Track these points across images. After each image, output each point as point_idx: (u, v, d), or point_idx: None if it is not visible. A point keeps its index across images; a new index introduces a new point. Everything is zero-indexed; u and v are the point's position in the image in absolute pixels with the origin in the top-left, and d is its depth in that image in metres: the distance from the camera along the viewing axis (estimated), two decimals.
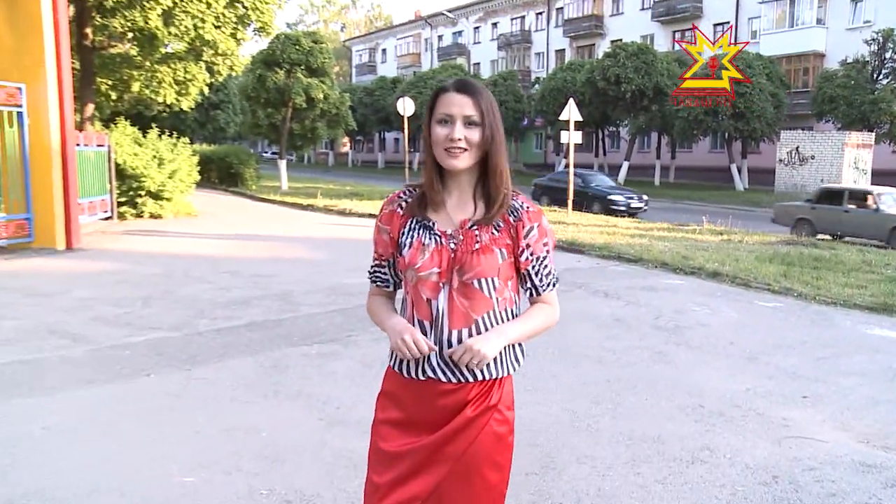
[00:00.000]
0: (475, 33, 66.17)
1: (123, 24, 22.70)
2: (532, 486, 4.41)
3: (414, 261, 2.39)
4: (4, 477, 4.52)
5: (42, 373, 6.60)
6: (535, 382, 6.41)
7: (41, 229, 13.86)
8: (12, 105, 13.31)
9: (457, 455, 2.41)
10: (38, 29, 13.51)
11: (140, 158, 19.44)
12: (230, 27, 24.08)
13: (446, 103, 2.38)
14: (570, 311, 9.12)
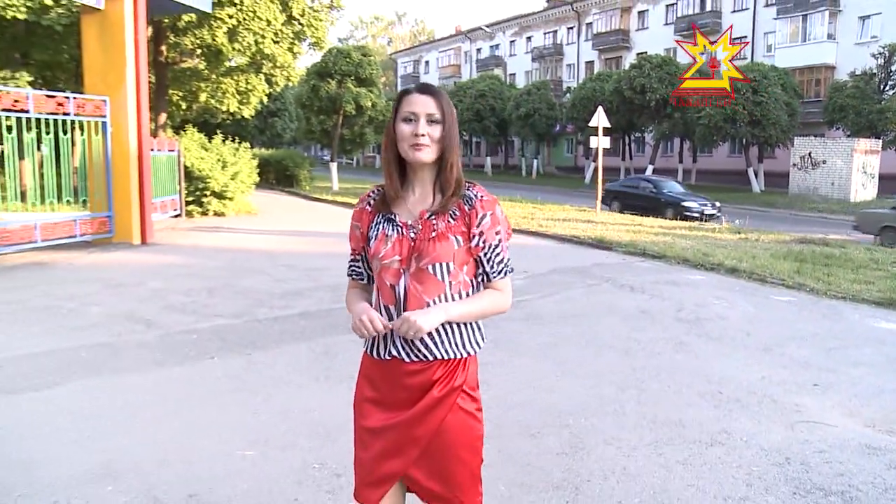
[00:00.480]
0: (511, 46, 65.90)
1: (193, 41, 23.02)
2: (562, 464, 4.41)
3: (378, 250, 2.42)
4: (88, 446, 4.62)
5: (120, 354, 6.72)
6: (565, 369, 6.41)
7: (120, 226, 14.08)
8: (98, 116, 13.55)
9: (428, 435, 2.44)
10: (122, 48, 13.77)
11: (206, 162, 19.64)
12: (287, 42, 24.28)
13: (411, 103, 2.41)
14: (598, 304, 9.10)
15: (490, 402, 5.47)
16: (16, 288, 9.73)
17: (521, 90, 51.47)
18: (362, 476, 2.51)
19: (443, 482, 2.48)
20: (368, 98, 29.64)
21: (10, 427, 4.96)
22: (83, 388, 5.75)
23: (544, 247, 14.50)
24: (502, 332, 7.64)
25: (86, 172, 13.86)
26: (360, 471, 2.53)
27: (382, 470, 2.47)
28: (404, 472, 2.47)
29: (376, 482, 2.48)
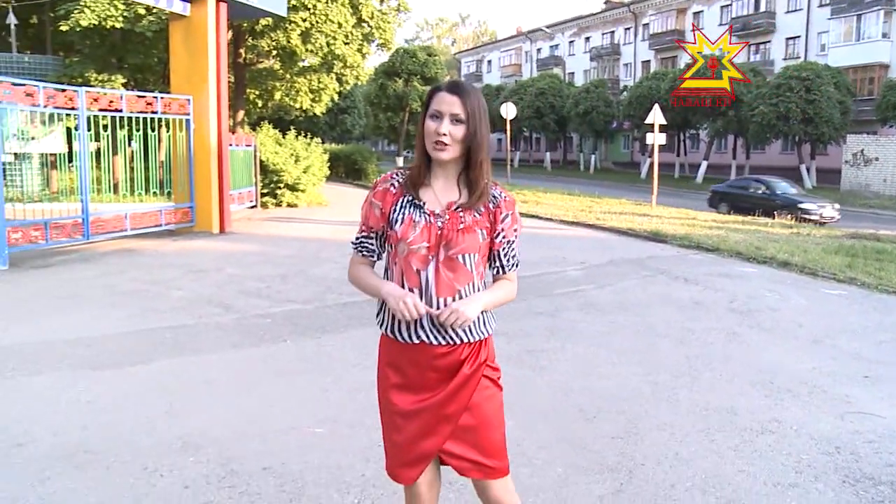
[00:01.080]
0: (570, 46, 65.29)
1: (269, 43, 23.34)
2: (617, 448, 4.38)
3: (406, 235, 2.40)
4: (173, 419, 4.74)
5: (200, 336, 6.86)
6: (620, 357, 6.35)
7: (200, 216, 14.37)
8: (182, 114, 13.85)
9: (460, 411, 2.47)
10: (204, 51, 14.03)
11: (280, 156, 19.89)
12: (357, 43, 24.46)
13: (438, 101, 2.39)
14: (653, 295, 8.98)
15: (547, 388, 5.48)
16: (108, 273, 10.00)
17: (579, 88, 51.07)
18: (397, 457, 2.52)
19: (480, 451, 2.52)
20: None
21: (104, 400, 5.11)
22: (167, 366, 5.90)
23: (601, 239, 14.36)
24: (560, 320, 7.60)
25: (170, 166, 14.17)
26: (394, 452, 2.53)
27: (419, 450, 2.48)
28: (440, 449, 2.49)
29: (413, 462, 2.50)
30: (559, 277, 10.03)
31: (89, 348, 6.36)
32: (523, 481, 3.91)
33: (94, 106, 12.05)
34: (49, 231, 11.20)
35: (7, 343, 6.50)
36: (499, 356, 6.35)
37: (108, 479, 3.89)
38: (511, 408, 5.03)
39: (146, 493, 3.73)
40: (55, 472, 3.96)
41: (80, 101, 11.69)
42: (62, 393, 5.24)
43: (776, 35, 45.32)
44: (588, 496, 3.78)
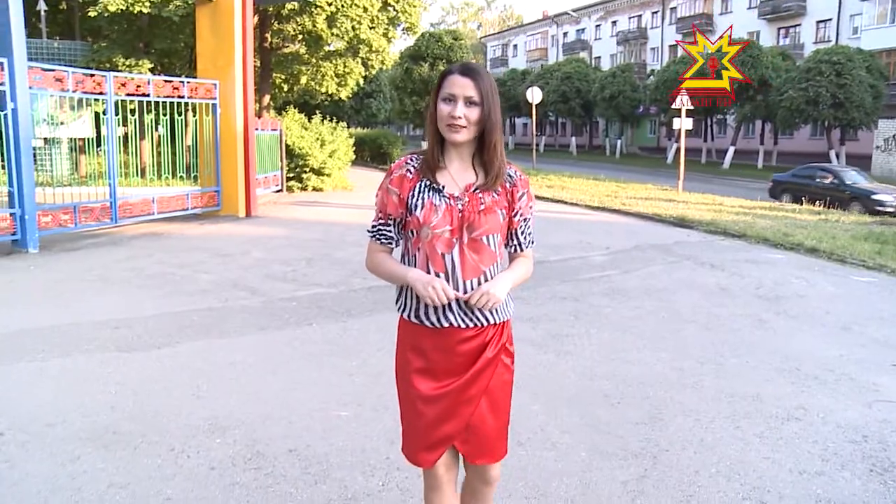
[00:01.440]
0: (596, 30, 64.79)
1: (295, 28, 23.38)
2: (641, 434, 4.36)
3: (429, 220, 2.38)
4: (200, 400, 4.78)
5: (227, 318, 6.91)
6: (645, 342, 6.32)
7: (227, 200, 14.45)
8: (209, 98, 13.91)
9: (480, 394, 2.48)
10: (231, 36, 14.10)
11: (305, 140, 19.94)
12: (382, 28, 24.42)
13: (451, 84, 2.37)
14: (679, 280, 8.92)
15: (572, 373, 5.47)
16: (135, 256, 10.10)
17: (605, 73, 50.69)
18: (417, 442, 2.51)
19: (494, 434, 2.55)
20: None
21: (132, 381, 5.17)
22: (195, 349, 5.95)
23: (626, 224, 14.28)
24: (586, 305, 7.58)
25: (197, 150, 14.28)
26: (414, 437, 2.53)
27: (440, 433, 2.48)
28: (461, 432, 2.49)
29: (433, 445, 2.49)
30: (584, 262, 9.99)
31: (117, 331, 6.43)
32: (547, 466, 3.91)
33: (122, 91, 12.13)
34: (78, 215, 11.32)
35: (37, 325, 6.59)
36: (524, 340, 6.38)
37: (135, 460, 3.94)
38: (536, 392, 5.04)
39: (173, 474, 3.78)
40: (84, 452, 4.02)
41: (108, 85, 11.77)
42: (91, 374, 5.31)
43: (806, 18, 44.63)
44: (612, 481, 3.77)
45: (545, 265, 9.62)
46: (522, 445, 4.16)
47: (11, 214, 10.28)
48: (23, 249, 10.27)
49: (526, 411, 4.68)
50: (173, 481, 3.71)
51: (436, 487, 2.58)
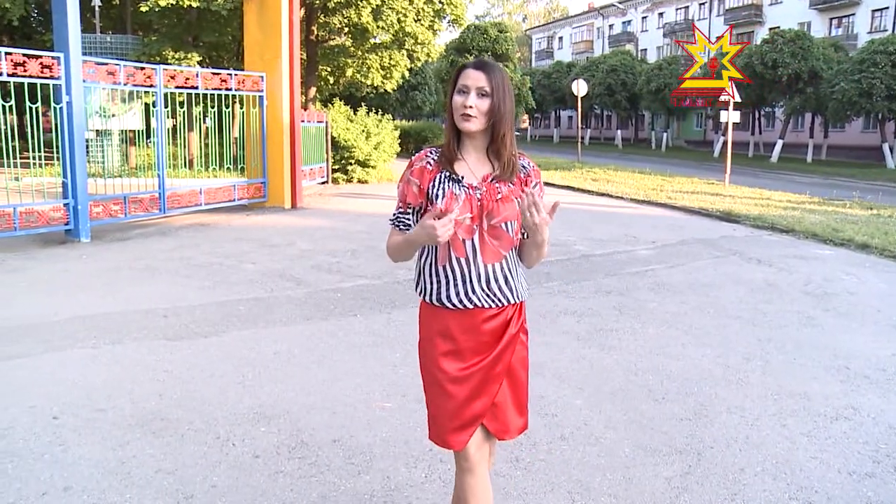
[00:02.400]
0: (643, 22, 64.04)
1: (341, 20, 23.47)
2: (686, 430, 4.31)
3: (450, 208, 2.44)
4: (245, 390, 4.84)
5: (273, 308, 6.98)
6: (690, 338, 6.24)
7: (273, 191, 14.59)
8: (256, 90, 14.03)
9: (505, 370, 2.59)
10: (277, 28, 14.20)
11: (351, 132, 20.03)
12: (428, 20, 24.39)
13: (465, 77, 2.49)
14: (725, 275, 8.80)
15: (616, 367, 5.43)
16: (183, 246, 10.25)
17: (652, 65, 49.99)
18: (447, 423, 2.57)
19: (518, 408, 2.67)
20: None
21: (179, 369, 5.25)
22: (241, 338, 6.02)
23: (672, 218, 14.12)
24: (630, 299, 7.51)
25: (244, 142, 14.42)
26: (442, 420, 2.59)
27: (470, 412, 2.55)
28: (488, 410, 2.58)
29: (464, 425, 2.56)
30: (630, 256, 9.90)
31: (166, 319, 6.53)
32: (590, 461, 3.89)
33: (171, 83, 12.30)
34: (128, 205, 11.52)
35: (89, 313, 6.72)
36: (568, 334, 6.35)
37: (182, 447, 4.00)
38: (580, 386, 5.02)
39: (219, 461, 3.83)
40: (134, 437, 4.10)
41: (158, 78, 11.95)
42: (140, 362, 5.41)
43: (861, 7, 43.55)
44: (656, 478, 3.73)
45: (590, 259, 9.56)
46: (566, 440, 4.14)
47: (65, 205, 10.50)
48: (75, 239, 10.49)
49: (569, 406, 4.66)
50: (219, 468, 3.76)
51: (468, 469, 2.61)
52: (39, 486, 3.56)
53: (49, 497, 3.47)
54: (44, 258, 9.36)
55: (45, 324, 6.38)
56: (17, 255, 9.49)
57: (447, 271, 2.53)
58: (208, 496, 3.49)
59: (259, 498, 3.49)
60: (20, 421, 4.32)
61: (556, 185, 20.28)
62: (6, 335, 6.02)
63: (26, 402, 4.61)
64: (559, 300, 7.45)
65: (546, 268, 8.96)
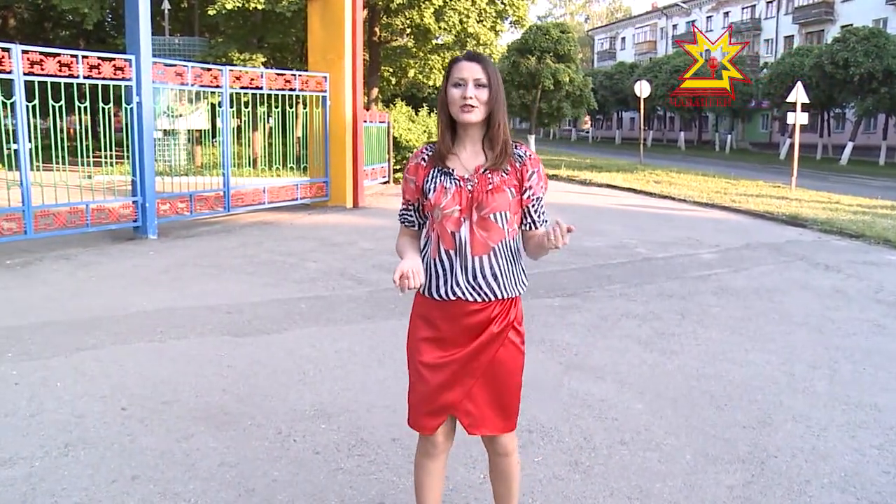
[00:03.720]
0: (707, 22, 62.87)
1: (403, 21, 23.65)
2: (748, 438, 4.22)
3: (439, 201, 2.54)
4: (306, 387, 4.90)
5: (334, 307, 7.05)
6: (754, 344, 6.12)
7: (335, 190, 14.74)
8: (319, 91, 14.20)
9: (483, 367, 2.60)
10: (341, 29, 14.35)
11: (412, 132, 20.11)
12: (490, 21, 24.42)
13: (460, 69, 2.51)
14: (791, 281, 8.60)
15: (677, 373, 5.35)
16: (247, 244, 10.42)
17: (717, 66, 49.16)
18: (420, 407, 2.67)
19: (498, 408, 2.67)
20: (566, 73, 29.20)
21: (242, 365, 5.34)
22: (303, 335, 6.10)
23: (736, 222, 13.86)
24: (693, 304, 7.40)
25: (306, 142, 14.59)
26: (417, 402, 2.69)
27: (442, 400, 2.62)
28: (461, 401, 2.63)
29: (435, 411, 2.65)
30: (692, 260, 9.75)
31: (229, 315, 6.65)
32: (651, 466, 3.84)
33: (237, 84, 12.51)
34: (193, 203, 11.76)
35: (156, 308, 6.88)
36: (629, 338, 6.29)
37: (244, 441, 4.07)
38: (640, 391, 4.96)
39: (279, 457, 3.88)
40: (198, 431, 4.18)
41: (224, 79, 12.17)
42: (205, 357, 5.52)
43: None
44: (717, 486, 3.67)
45: (651, 262, 9.44)
46: (626, 444, 4.10)
47: (134, 202, 10.78)
48: (143, 236, 10.75)
49: (630, 410, 4.61)
50: (279, 463, 3.81)
51: (431, 455, 2.76)
52: (109, 474, 3.66)
53: (118, 485, 3.56)
54: (114, 254, 9.62)
55: (114, 317, 6.56)
56: (89, 250, 9.77)
57: (437, 265, 2.59)
58: (269, 490, 3.54)
59: (318, 494, 3.52)
60: (92, 410, 4.45)
61: (618, 186, 20.08)
62: (79, 327, 6.20)
63: (97, 392, 4.76)
64: (620, 303, 7.38)
65: (607, 270, 8.89)
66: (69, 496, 3.45)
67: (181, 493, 3.49)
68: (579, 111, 33.54)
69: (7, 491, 3.50)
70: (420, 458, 2.80)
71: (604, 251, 10.22)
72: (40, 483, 3.57)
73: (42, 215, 9.62)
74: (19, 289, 7.70)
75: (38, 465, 3.76)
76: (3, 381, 4.96)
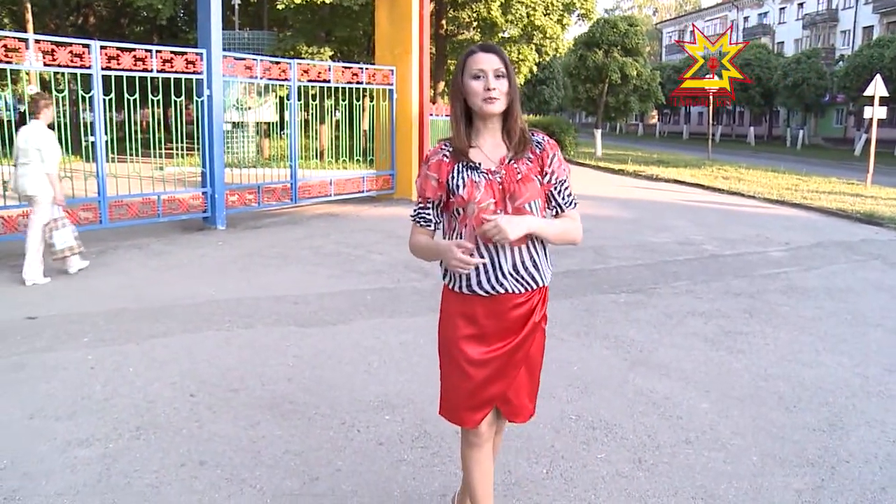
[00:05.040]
0: (780, 13, 61.33)
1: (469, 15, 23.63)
2: (819, 442, 4.11)
3: (472, 196, 2.51)
4: (371, 378, 4.95)
5: (399, 298, 7.10)
6: (826, 345, 5.96)
7: (401, 183, 14.80)
8: (386, 84, 14.27)
9: (525, 357, 2.66)
10: (408, 23, 14.38)
11: None
12: (557, 14, 24.21)
13: (477, 61, 2.50)
14: (865, 280, 8.36)
15: (745, 372, 5.25)
16: (314, 236, 10.56)
17: (789, 59, 47.94)
18: (462, 402, 2.66)
19: (530, 394, 2.76)
20: (634, 67, 28.84)
21: (308, 355, 5.42)
22: (368, 327, 6.15)
23: (807, 219, 13.51)
24: (761, 302, 7.24)
25: (373, 135, 14.69)
26: (458, 398, 2.67)
27: (487, 394, 2.64)
28: (506, 393, 2.67)
29: (479, 405, 2.66)
30: (761, 258, 9.54)
31: (296, 306, 6.75)
32: (716, 467, 3.78)
33: (304, 77, 12.66)
34: (261, 195, 11.96)
35: (224, 297, 7.03)
36: (695, 335, 6.21)
37: (309, 430, 4.13)
38: (706, 389, 4.89)
39: (343, 447, 3.93)
40: (264, 419, 4.26)
41: (292, 72, 12.32)
42: (271, 346, 5.62)
43: None
44: (785, 489, 3.59)
45: (719, 259, 9.27)
46: (690, 444, 4.04)
47: (203, 193, 11.01)
48: (212, 226, 10.98)
49: (695, 409, 4.54)
50: (343, 453, 3.86)
51: (478, 445, 2.75)
52: (178, 458, 3.76)
53: (186, 469, 3.66)
54: (183, 243, 9.85)
55: (184, 305, 6.72)
56: (160, 240, 10.03)
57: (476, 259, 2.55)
58: (333, 479, 3.59)
59: (381, 485, 3.56)
60: (162, 396, 4.58)
61: (685, 182, 19.75)
62: (150, 315, 6.38)
63: (167, 378, 4.88)
64: (686, 300, 7.27)
65: (673, 267, 8.76)
66: (141, 477, 3.56)
67: (247, 479, 3.57)
68: (646, 105, 33.11)
69: (85, 469, 3.63)
70: (466, 450, 2.79)
71: (670, 247, 10.08)
72: (114, 464, 3.69)
73: (116, 205, 9.92)
74: (95, 277, 7.95)
75: (112, 446, 3.88)
76: (80, 364, 5.13)
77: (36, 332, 5.86)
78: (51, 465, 3.67)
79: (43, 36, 9.42)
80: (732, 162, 27.29)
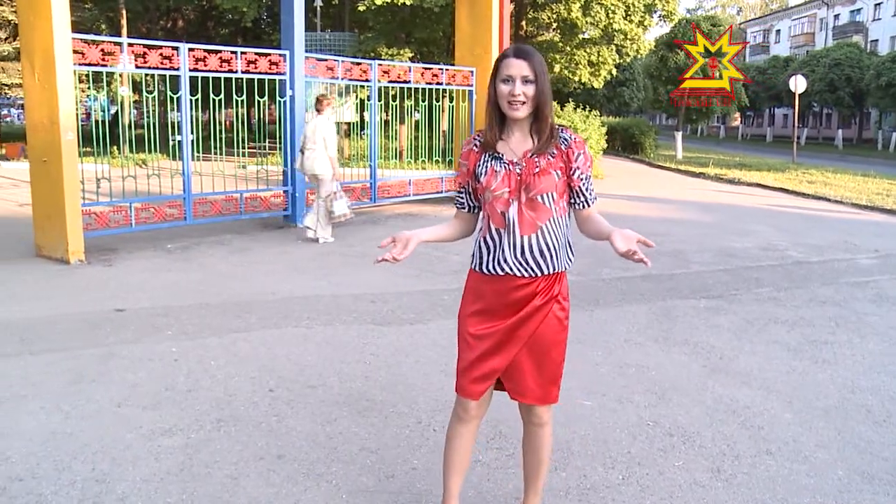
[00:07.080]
0: (875, 10, 58.93)
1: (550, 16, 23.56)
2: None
3: (489, 184, 2.72)
4: (446, 378, 4.93)
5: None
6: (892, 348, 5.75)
7: None
8: (465, 85, 14.30)
9: (527, 336, 2.77)
10: (488, 23, 14.37)
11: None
12: (638, 15, 23.90)
13: (508, 66, 2.64)
14: None
15: (830, 383, 5.10)
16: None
17: (883, 58, 46.08)
18: (467, 374, 2.83)
19: (539, 379, 2.84)
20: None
21: (385, 353, 5.48)
22: (445, 327, 6.16)
23: None
24: (847, 311, 7.01)
25: (452, 135, 14.75)
26: (464, 369, 2.84)
27: (487, 367, 2.79)
28: (504, 368, 2.80)
29: (480, 378, 2.81)
30: (849, 265, 9.24)
31: (374, 304, 6.82)
32: (798, 480, 3.67)
33: (385, 78, 12.79)
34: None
35: (304, 294, 7.16)
36: (777, 343, 6.05)
37: (385, 428, 4.17)
38: (789, 400, 4.76)
39: (419, 445, 3.96)
40: (341, 415, 4.32)
41: (373, 73, 12.46)
42: (349, 344, 5.69)
43: None
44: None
45: (804, 265, 9.01)
46: (772, 455, 3.93)
47: (285, 192, 11.24)
48: (292, 224, 11.18)
49: (777, 419, 4.42)
50: (419, 452, 3.89)
51: (465, 420, 2.91)
52: (257, 451, 3.84)
53: (265, 462, 3.73)
54: (264, 240, 10.07)
55: (264, 301, 6.87)
56: (242, 237, 10.27)
57: (488, 242, 2.78)
58: (408, 477, 3.62)
59: None
60: (242, 390, 4.69)
61: (768, 186, 19.25)
62: (232, 310, 6.54)
63: (247, 373, 5.00)
64: (769, 307, 7.08)
65: (755, 273, 8.55)
66: (221, 468, 3.65)
67: (324, 475, 3.62)
68: (729, 108, 32.39)
69: (168, 458, 3.75)
70: (453, 422, 2.95)
71: (752, 253, 9.83)
72: (196, 454, 3.79)
73: (200, 203, 10.20)
74: (179, 271, 8.19)
75: (194, 436, 3.99)
76: (165, 357, 5.30)
77: (124, 324, 6.08)
78: (137, 452, 3.80)
79: (135, 39, 9.76)
80: (818, 165, 26.49)
